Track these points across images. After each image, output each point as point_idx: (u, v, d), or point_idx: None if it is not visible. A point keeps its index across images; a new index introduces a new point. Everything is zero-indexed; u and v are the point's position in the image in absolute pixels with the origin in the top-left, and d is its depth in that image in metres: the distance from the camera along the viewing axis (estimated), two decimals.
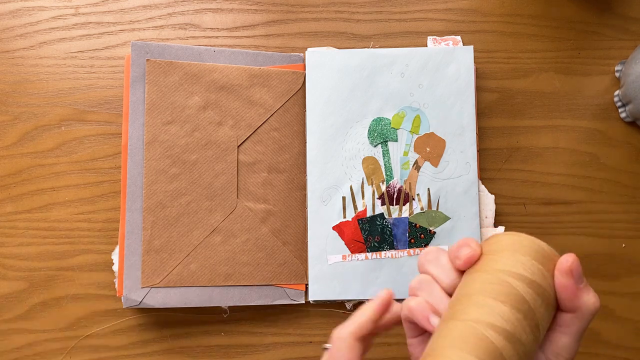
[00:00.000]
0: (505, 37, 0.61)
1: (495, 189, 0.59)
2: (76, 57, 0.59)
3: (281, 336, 0.57)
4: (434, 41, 0.60)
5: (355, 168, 0.57)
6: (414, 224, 0.57)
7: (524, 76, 0.60)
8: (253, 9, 0.60)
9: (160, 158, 0.55)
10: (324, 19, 0.61)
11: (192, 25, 0.60)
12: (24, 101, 0.58)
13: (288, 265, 0.56)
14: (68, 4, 0.60)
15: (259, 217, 0.56)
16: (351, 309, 0.57)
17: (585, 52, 0.61)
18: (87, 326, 0.56)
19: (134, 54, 0.56)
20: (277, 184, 0.57)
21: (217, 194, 0.56)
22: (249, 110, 0.57)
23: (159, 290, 0.54)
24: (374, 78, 0.58)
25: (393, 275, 0.56)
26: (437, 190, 0.57)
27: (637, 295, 0.58)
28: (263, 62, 0.58)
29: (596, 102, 0.60)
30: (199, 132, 0.56)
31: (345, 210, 0.57)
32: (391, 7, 0.61)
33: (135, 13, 0.60)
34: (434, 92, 0.58)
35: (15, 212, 0.57)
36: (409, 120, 0.58)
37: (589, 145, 0.60)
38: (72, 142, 0.58)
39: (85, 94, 0.59)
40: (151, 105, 0.56)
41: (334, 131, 0.58)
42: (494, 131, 0.60)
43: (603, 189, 0.59)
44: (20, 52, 0.59)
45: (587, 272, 0.58)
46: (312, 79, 0.58)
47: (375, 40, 0.60)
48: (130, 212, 0.55)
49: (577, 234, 0.59)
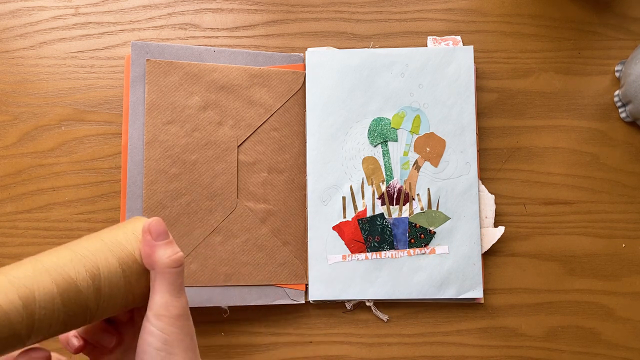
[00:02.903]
0: (505, 37, 0.61)
1: (495, 189, 0.59)
2: (76, 57, 0.59)
3: (281, 336, 0.57)
4: (434, 41, 0.60)
5: (355, 168, 0.57)
6: (414, 224, 0.57)
7: (524, 76, 0.60)
8: (253, 9, 0.60)
9: (160, 158, 0.55)
10: (324, 19, 0.61)
11: (192, 25, 0.60)
12: (24, 101, 0.58)
13: (288, 265, 0.56)
14: (68, 4, 0.60)
15: (259, 217, 0.56)
16: (351, 309, 0.57)
17: (585, 52, 0.61)
18: None
19: (134, 54, 0.56)
20: (277, 184, 0.57)
21: (217, 194, 0.56)
22: (249, 110, 0.57)
23: None
24: (373, 78, 0.58)
25: (393, 275, 0.56)
26: (437, 190, 0.57)
27: (637, 295, 0.58)
28: (263, 62, 0.58)
29: (596, 102, 0.60)
30: (199, 132, 0.56)
31: (345, 210, 0.57)
32: (391, 7, 0.61)
33: (135, 13, 0.60)
34: (434, 92, 0.58)
35: (15, 212, 0.57)
36: (409, 120, 0.58)
37: (589, 145, 0.60)
38: (72, 142, 0.58)
39: (85, 94, 0.59)
40: (151, 105, 0.56)
41: (334, 131, 0.58)
42: (494, 131, 0.60)
43: (603, 189, 0.59)
44: (20, 52, 0.59)
45: (587, 272, 0.58)
46: (312, 79, 0.58)
47: (375, 40, 0.60)
48: (130, 212, 0.55)
49: (577, 234, 0.59)
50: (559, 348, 0.57)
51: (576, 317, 0.58)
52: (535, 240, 0.59)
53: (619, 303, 0.58)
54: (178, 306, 0.36)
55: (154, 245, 0.36)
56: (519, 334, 0.57)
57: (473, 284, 0.56)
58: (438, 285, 0.56)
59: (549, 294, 0.58)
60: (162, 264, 0.36)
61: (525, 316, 0.58)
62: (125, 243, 0.35)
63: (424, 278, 0.56)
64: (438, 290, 0.56)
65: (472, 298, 0.57)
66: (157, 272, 0.36)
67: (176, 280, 0.36)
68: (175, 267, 0.36)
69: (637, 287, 0.58)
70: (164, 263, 0.36)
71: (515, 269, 0.58)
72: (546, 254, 0.58)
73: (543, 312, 0.58)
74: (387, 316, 0.57)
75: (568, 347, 0.57)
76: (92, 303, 0.33)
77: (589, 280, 0.58)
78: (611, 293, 0.58)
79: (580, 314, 0.58)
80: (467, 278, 0.56)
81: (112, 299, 0.34)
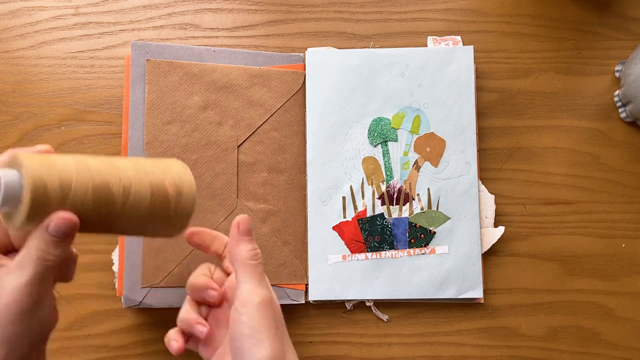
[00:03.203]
0: (505, 37, 0.61)
1: (495, 189, 0.59)
2: (76, 57, 0.59)
3: None
4: (434, 41, 0.60)
5: (355, 168, 0.57)
6: (414, 224, 0.57)
7: (524, 76, 0.60)
8: (253, 9, 0.60)
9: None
10: (324, 19, 0.61)
11: (192, 25, 0.60)
12: (24, 101, 0.58)
13: (288, 265, 0.56)
14: (68, 4, 0.60)
15: (259, 217, 0.56)
16: (351, 309, 0.57)
17: (585, 52, 0.61)
18: (87, 326, 0.56)
19: (134, 54, 0.56)
20: (277, 184, 0.57)
21: (217, 194, 0.56)
22: (249, 110, 0.57)
23: (159, 290, 0.54)
24: (374, 78, 0.58)
25: (393, 275, 0.56)
26: (437, 190, 0.57)
27: (637, 295, 0.58)
28: (263, 62, 0.58)
29: (596, 102, 0.60)
30: (199, 132, 0.56)
31: (345, 210, 0.57)
32: (391, 7, 0.61)
33: (135, 13, 0.60)
34: (434, 92, 0.58)
35: None
36: (409, 120, 0.58)
37: (589, 145, 0.60)
38: (72, 142, 0.58)
39: (85, 94, 0.59)
40: (151, 105, 0.56)
41: (334, 131, 0.58)
42: (494, 131, 0.60)
43: (603, 189, 0.59)
44: (20, 52, 0.59)
45: (587, 272, 0.58)
46: (312, 79, 0.58)
47: (375, 40, 0.60)
48: None
49: (577, 234, 0.59)
50: (559, 348, 0.57)
51: (576, 317, 0.58)
52: (535, 240, 0.59)
53: (619, 303, 0.58)
54: (260, 294, 0.40)
55: (239, 240, 0.42)
56: (519, 334, 0.57)
57: (473, 284, 0.56)
58: (438, 285, 0.56)
59: (548, 294, 0.58)
60: (243, 257, 0.41)
61: (525, 316, 0.58)
62: (159, 173, 0.40)
63: (424, 278, 0.56)
64: (438, 290, 0.56)
65: (472, 298, 0.57)
66: (239, 264, 0.41)
67: (255, 271, 0.41)
68: (253, 261, 0.41)
69: (637, 287, 0.58)
70: (244, 256, 0.41)
71: (515, 269, 0.58)
72: (546, 254, 0.58)
73: (543, 312, 0.58)
74: (387, 316, 0.57)
75: (568, 347, 0.57)
76: (118, 207, 0.37)
77: (589, 280, 0.58)
78: (611, 293, 0.58)
79: (580, 314, 0.58)
80: (467, 278, 0.56)
81: (135, 210, 0.38)
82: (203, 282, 0.45)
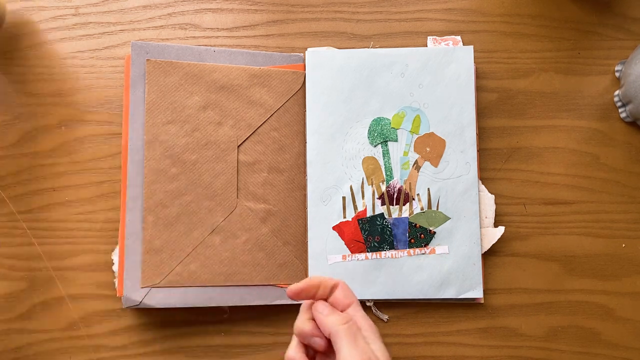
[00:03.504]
0: (505, 37, 0.61)
1: (495, 189, 0.59)
2: (76, 57, 0.59)
3: (281, 336, 0.57)
4: (434, 41, 0.60)
5: (355, 168, 0.57)
6: (414, 224, 0.57)
7: (524, 76, 0.60)
8: (253, 9, 0.61)
9: (160, 158, 0.55)
10: (324, 19, 0.61)
11: (192, 25, 0.60)
12: (24, 101, 0.58)
13: (288, 265, 0.56)
14: (68, 4, 0.60)
15: (259, 217, 0.56)
16: None
17: (585, 52, 0.61)
18: (87, 326, 0.56)
19: (134, 54, 0.56)
20: (277, 184, 0.57)
21: (217, 194, 0.56)
22: (249, 110, 0.57)
23: (159, 290, 0.54)
24: (373, 78, 0.58)
25: (393, 275, 0.56)
26: (437, 190, 0.57)
27: (637, 295, 0.58)
28: (263, 62, 0.58)
29: (596, 102, 0.60)
30: (199, 132, 0.56)
31: (345, 210, 0.57)
32: (391, 7, 0.61)
33: (135, 13, 0.60)
34: (434, 92, 0.58)
35: (15, 212, 0.57)
36: (409, 120, 0.58)
37: (589, 145, 0.60)
38: (72, 142, 0.58)
39: (85, 94, 0.59)
40: (151, 105, 0.56)
41: (334, 131, 0.58)
42: (494, 131, 0.60)
43: (603, 189, 0.59)
44: (20, 52, 0.59)
45: (587, 272, 0.58)
46: (312, 79, 0.58)
47: (375, 40, 0.60)
48: (130, 212, 0.55)
49: (577, 234, 0.59)
50: (559, 348, 0.57)
51: (576, 317, 0.58)
52: (535, 240, 0.59)
53: (619, 303, 0.58)
54: (356, 356, 0.41)
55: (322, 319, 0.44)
56: (519, 334, 0.57)
57: (473, 284, 0.56)
58: (438, 285, 0.56)
59: (549, 294, 0.58)
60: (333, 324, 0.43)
61: (525, 316, 0.58)
62: None
63: (424, 278, 0.56)
64: (438, 290, 0.56)
65: (472, 298, 0.57)
66: (332, 334, 0.42)
67: (349, 332, 0.42)
68: (343, 325, 0.42)
69: (637, 287, 0.58)
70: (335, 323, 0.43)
71: (515, 269, 0.58)
72: (546, 254, 0.58)
73: (543, 312, 0.58)
74: (387, 316, 0.57)
75: (568, 347, 0.57)
76: None
77: (589, 280, 0.58)
78: (611, 293, 0.58)
79: (580, 314, 0.58)
80: (467, 278, 0.56)
81: None
82: (308, 329, 0.45)
